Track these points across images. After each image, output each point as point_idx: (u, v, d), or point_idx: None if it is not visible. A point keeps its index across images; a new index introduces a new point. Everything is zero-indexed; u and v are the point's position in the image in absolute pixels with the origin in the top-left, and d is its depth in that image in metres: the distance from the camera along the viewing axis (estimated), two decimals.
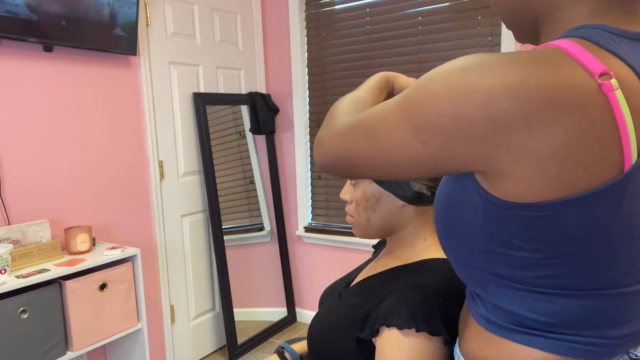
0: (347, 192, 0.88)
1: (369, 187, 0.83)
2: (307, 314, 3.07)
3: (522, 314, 0.54)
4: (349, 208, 0.88)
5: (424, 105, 0.49)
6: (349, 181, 0.88)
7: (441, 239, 0.61)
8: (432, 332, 0.69)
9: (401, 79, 0.79)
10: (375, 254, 1.03)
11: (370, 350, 0.77)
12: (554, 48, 0.47)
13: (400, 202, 0.82)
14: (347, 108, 0.66)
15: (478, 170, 0.50)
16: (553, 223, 0.47)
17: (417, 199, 0.81)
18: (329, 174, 0.63)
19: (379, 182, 0.82)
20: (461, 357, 0.62)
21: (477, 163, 0.48)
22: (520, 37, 0.65)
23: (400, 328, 0.70)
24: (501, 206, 0.49)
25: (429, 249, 0.84)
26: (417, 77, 2.50)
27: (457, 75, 0.47)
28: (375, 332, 0.74)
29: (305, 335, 2.78)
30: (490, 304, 0.57)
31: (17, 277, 1.58)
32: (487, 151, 0.47)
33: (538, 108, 0.44)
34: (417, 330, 0.69)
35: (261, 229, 2.93)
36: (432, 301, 0.71)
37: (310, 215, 3.00)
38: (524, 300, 0.53)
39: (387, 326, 0.71)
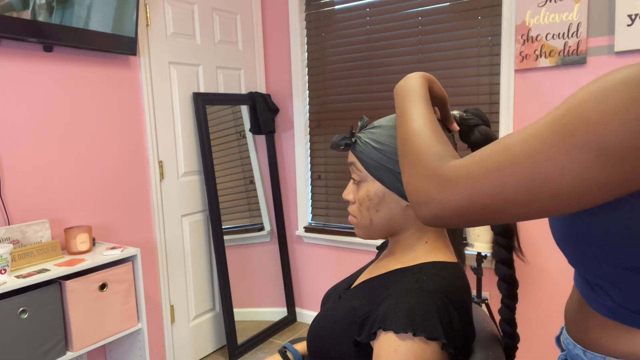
0: (350, 192, 0.87)
1: (373, 187, 0.82)
2: (307, 314, 3.07)
3: None
4: (351, 208, 0.87)
5: (604, 126, 0.46)
6: (351, 181, 0.87)
7: (565, 241, 0.59)
8: (429, 337, 0.68)
9: (435, 82, 0.76)
10: (378, 255, 1.03)
11: (369, 353, 0.77)
12: None
13: (404, 203, 0.81)
14: (433, 144, 0.61)
15: None
16: None
17: None
18: (444, 226, 0.59)
19: (383, 182, 0.81)
20: (577, 346, 0.63)
21: None
22: None
23: (397, 332, 0.69)
24: None
25: (430, 251, 0.83)
26: None
27: (635, 89, 0.45)
28: (373, 336, 0.74)
29: (306, 334, 2.78)
30: (618, 296, 0.57)
31: (17, 277, 1.58)
32: None
33: None
34: (414, 335, 0.68)
35: (261, 229, 2.93)
36: (431, 305, 0.70)
37: (310, 215, 3.00)
38: None
39: (384, 329, 0.71)
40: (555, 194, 0.49)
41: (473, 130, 0.79)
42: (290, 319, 3.03)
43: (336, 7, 2.72)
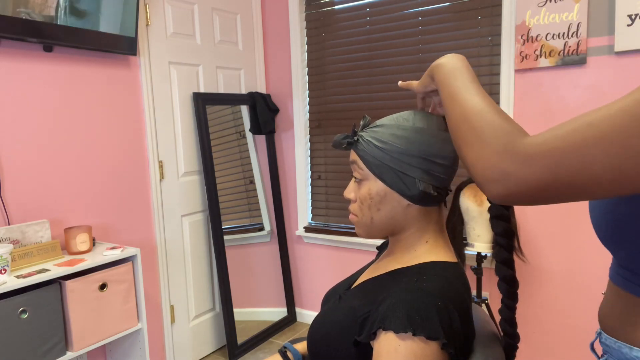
0: (352, 190, 0.87)
1: (375, 186, 0.82)
2: (307, 314, 3.07)
3: None
4: (352, 207, 0.87)
5: None
6: (353, 179, 0.88)
7: (619, 230, 0.59)
8: (429, 337, 0.68)
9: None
10: (378, 255, 1.03)
11: (369, 353, 0.77)
12: None
13: (406, 202, 0.82)
14: (502, 121, 0.59)
15: None
16: None
17: (423, 199, 0.80)
18: (512, 204, 0.58)
19: (385, 181, 0.81)
20: (634, 348, 0.61)
21: None
22: None
23: (396, 332, 0.69)
24: None
25: (431, 251, 0.83)
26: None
27: None
28: (373, 335, 0.74)
29: (306, 334, 2.78)
30: None
31: (17, 277, 1.58)
32: None
33: None
34: (414, 334, 0.68)
35: (261, 229, 2.93)
36: (430, 305, 0.71)
37: (310, 215, 3.00)
38: None
39: (384, 329, 0.71)
40: None
41: None
42: (290, 319, 3.03)
43: (336, 7, 2.72)
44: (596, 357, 0.70)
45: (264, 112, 2.85)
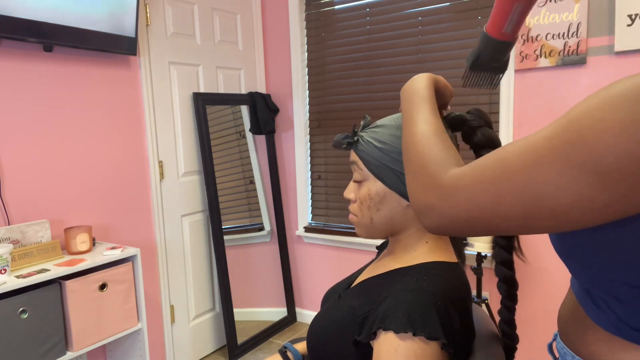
0: (352, 190, 0.87)
1: (374, 186, 0.82)
2: (307, 314, 3.07)
3: None
4: (352, 207, 0.87)
5: (601, 146, 0.43)
6: (353, 180, 0.88)
7: (567, 254, 0.58)
8: (429, 337, 0.68)
9: (440, 79, 0.76)
10: (378, 255, 1.03)
11: (368, 353, 0.77)
12: None
13: (405, 203, 0.82)
14: (436, 151, 0.60)
15: None
16: None
17: None
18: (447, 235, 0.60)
19: (384, 181, 0.81)
20: (576, 357, 0.61)
21: None
22: None
23: (397, 332, 0.69)
24: None
25: (431, 251, 0.83)
26: None
27: (634, 106, 0.42)
28: (373, 335, 0.73)
29: (306, 334, 2.77)
30: (623, 313, 0.54)
31: (17, 277, 1.58)
32: None
33: None
34: (414, 334, 0.68)
35: (261, 229, 2.93)
36: (431, 305, 0.70)
37: (310, 215, 3.00)
38: None
39: (384, 329, 0.71)
40: (551, 212, 0.47)
41: (475, 132, 0.79)
42: (290, 319, 3.03)
43: (336, 7, 2.72)
44: (552, 358, 0.70)
45: (264, 112, 2.85)
